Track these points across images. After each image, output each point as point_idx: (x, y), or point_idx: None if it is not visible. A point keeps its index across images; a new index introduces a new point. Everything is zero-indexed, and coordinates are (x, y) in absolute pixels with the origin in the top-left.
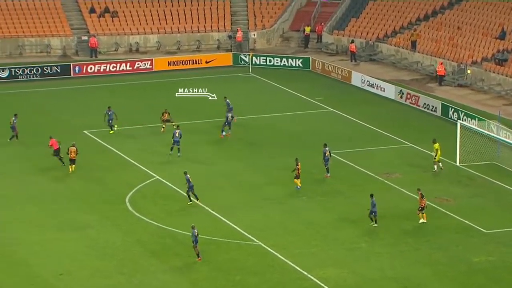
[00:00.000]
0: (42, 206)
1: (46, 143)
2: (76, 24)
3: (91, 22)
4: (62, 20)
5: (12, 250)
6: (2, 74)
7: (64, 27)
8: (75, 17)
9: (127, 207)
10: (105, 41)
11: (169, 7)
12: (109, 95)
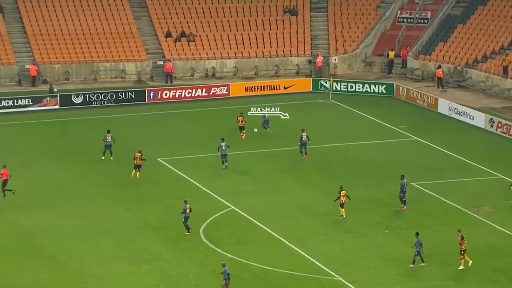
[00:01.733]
0: (114, 236)
1: (119, 170)
2: (152, 49)
3: (167, 47)
4: (137, 44)
5: (84, 282)
6: (77, 99)
7: (139, 52)
8: (151, 42)
9: (201, 238)
10: (180, 66)
11: (247, 31)
12: (184, 122)
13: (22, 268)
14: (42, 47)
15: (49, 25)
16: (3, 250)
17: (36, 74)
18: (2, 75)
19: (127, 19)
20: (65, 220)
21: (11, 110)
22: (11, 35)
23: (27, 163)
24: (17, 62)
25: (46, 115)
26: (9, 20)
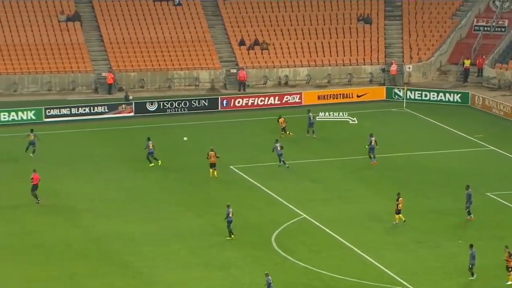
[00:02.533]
0: (186, 243)
1: (191, 177)
2: (225, 57)
3: (240, 55)
4: (211, 52)
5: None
6: (151, 107)
7: (213, 60)
8: (224, 50)
9: (273, 246)
10: (254, 74)
11: (320, 39)
12: (256, 129)
13: (96, 274)
14: (118, 55)
15: (125, 34)
16: (79, 255)
17: (113, 82)
18: (80, 83)
19: (202, 28)
20: (137, 226)
21: (88, 117)
22: (89, 43)
23: (102, 169)
24: (94, 70)
25: (121, 122)
26: (87, 29)
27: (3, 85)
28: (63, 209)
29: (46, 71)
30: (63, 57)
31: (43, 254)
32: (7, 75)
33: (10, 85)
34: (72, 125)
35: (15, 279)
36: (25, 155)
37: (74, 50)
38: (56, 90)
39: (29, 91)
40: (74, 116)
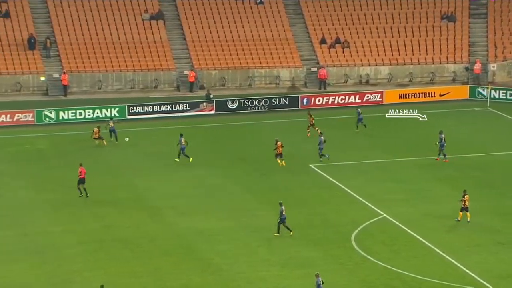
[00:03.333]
0: (267, 240)
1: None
2: (306, 55)
3: (321, 53)
4: (292, 51)
5: (237, 285)
6: (232, 105)
7: (294, 58)
8: (305, 48)
9: (353, 245)
10: (334, 72)
11: (402, 38)
12: (336, 128)
13: (178, 270)
14: (200, 53)
15: (207, 32)
16: (162, 252)
17: (194, 80)
18: (162, 81)
19: (283, 26)
20: (218, 223)
21: (169, 114)
22: (172, 42)
23: (183, 166)
24: (176, 68)
25: (202, 120)
26: (170, 27)
27: (88, 82)
28: (145, 205)
29: (130, 69)
30: (146, 55)
31: (126, 249)
32: (92, 72)
33: (95, 83)
34: (154, 123)
35: (98, 274)
36: (111, 150)
37: (157, 48)
38: (139, 88)
39: (113, 88)
40: (156, 114)
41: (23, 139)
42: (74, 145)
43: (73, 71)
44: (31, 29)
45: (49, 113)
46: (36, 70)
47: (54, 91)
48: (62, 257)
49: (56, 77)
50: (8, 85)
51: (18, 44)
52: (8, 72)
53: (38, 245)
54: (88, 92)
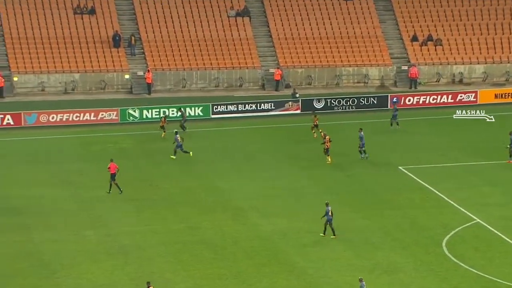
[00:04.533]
0: (353, 244)
1: (355, 177)
2: (396, 53)
3: (412, 51)
4: (382, 48)
5: None
6: (318, 104)
7: (383, 56)
8: (395, 46)
9: (444, 251)
10: (426, 71)
11: (499, 35)
12: (427, 129)
13: (262, 273)
14: (286, 51)
15: (294, 29)
16: (246, 254)
17: (280, 78)
18: (247, 79)
19: (372, 22)
20: (303, 226)
21: (254, 114)
22: (257, 39)
23: (267, 167)
24: (262, 66)
25: (288, 119)
26: (256, 24)
27: (172, 80)
28: (228, 206)
29: (214, 67)
30: (231, 53)
31: (209, 251)
32: (176, 70)
33: (179, 81)
34: (239, 122)
35: (181, 276)
36: (194, 151)
37: (242, 45)
38: (224, 87)
39: (197, 87)
40: (241, 113)
41: (106, 138)
42: (158, 144)
43: (157, 69)
44: (116, 26)
45: (133, 112)
46: (121, 67)
47: (138, 89)
48: (145, 258)
49: (140, 75)
50: (93, 82)
51: (103, 42)
52: (93, 70)
53: (120, 245)
54: (172, 91)
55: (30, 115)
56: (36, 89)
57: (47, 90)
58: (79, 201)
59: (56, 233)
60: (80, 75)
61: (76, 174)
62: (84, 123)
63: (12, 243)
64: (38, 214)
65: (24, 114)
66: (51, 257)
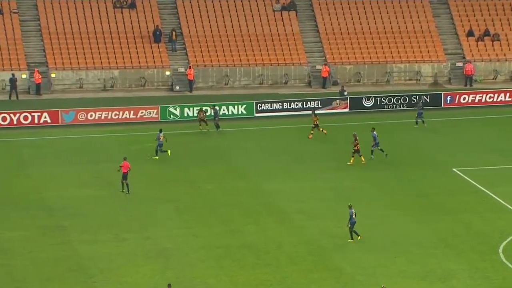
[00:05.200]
0: (405, 250)
1: (410, 181)
2: (451, 49)
3: (468, 47)
4: (435, 44)
5: None
6: (367, 103)
7: (437, 52)
8: (450, 41)
9: (501, 258)
10: (482, 67)
11: None
12: (483, 129)
13: (308, 279)
14: (334, 46)
15: (342, 24)
16: (291, 260)
17: (327, 75)
18: (293, 76)
19: (425, 17)
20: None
21: (300, 112)
22: (304, 34)
23: (313, 168)
24: (308, 63)
25: (335, 118)
26: (302, 18)
27: (214, 77)
28: (272, 209)
29: (259, 64)
30: (277, 49)
31: (253, 255)
32: (219, 67)
33: (222, 78)
34: (283, 121)
35: (223, 281)
36: (237, 151)
37: (288, 41)
38: (268, 84)
39: (240, 84)
40: (286, 111)
41: (146, 137)
42: (198, 144)
43: (199, 65)
44: (157, 20)
45: (174, 110)
46: (161, 64)
47: (179, 86)
48: (186, 262)
49: (181, 72)
50: (132, 79)
51: (143, 37)
52: (133, 66)
53: (160, 249)
54: (214, 88)
55: (68, 113)
56: (74, 86)
57: (86, 87)
58: (118, 202)
59: (94, 235)
60: (119, 72)
61: (114, 174)
62: (123, 121)
63: (48, 246)
64: (75, 216)
65: (62, 112)
66: (89, 260)
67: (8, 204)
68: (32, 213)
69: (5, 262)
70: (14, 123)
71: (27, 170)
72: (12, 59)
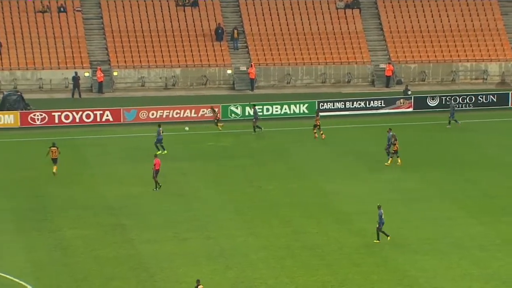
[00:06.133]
0: (467, 252)
1: (475, 182)
2: None
3: None
4: (503, 42)
5: None
6: (432, 102)
7: (505, 51)
8: None
9: None
10: None
11: None
12: None
13: (369, 282)
14: (399, 45)
15: (407, 22)
16: (352, 262)
17: (391, 74)
18: (356, 75)
19: (493, 14)
20: (414, 232)
21: (363, 112)
22: (367, 32)
23: (376, 168)
24: (372, 61)
25: (399, 118)
26: (366, 16)
27: (276, 76)
28: (334, 210)
29: (321, 62)
30: (339, 47)
31: (314, 257)
32: (281, 65)
33: (283, 77)
34: (346, 120)
35: (284, 282)
36: (298, 150)
37: (351, 39)
38: (331, 83)
39: (302, 83)
40: (349, 111)
41: (207, 136)
42: (259, 143)
43: (261, 64)
44: (219, 19)
45: (235, 109)
46: (223, 62)
47: (241, 85)
48: (246, 263)
49: (243, 70)
50: (194, 78)
51: (205, 35)
52: (195, 64)
53: (221, 249)
54: (276, 87)
55: (130, 111)
56: (136, 84)
57: (147, 86)
58: (179, 202)
59: (155, 234)
60: (181, 70)
61: (176, 173)
62: (184, 120)
63: (110, 244)
64: (135, 214)
65: (124, 110)
66: (150, 259)
67: (70, 202)
68: (94, 211)
69: (67, 260)
70: (77, 121)
71: (89, 168)
72: (75, 58)
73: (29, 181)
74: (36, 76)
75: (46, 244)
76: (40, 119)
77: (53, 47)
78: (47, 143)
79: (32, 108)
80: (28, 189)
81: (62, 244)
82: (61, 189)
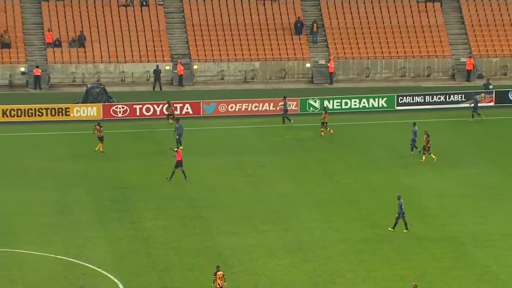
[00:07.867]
0: None
1: None
2: None
3: None
4: None
5: None
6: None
7: None
8: None
9: None
10: None
11: None
12: None
13: (449, 277)
14: (480, 38)
15: (489, 15)
16: (431, 256)
17: (472, 68)
18: (436, 69)
19: None
20: (497, 228)
21: (443, 106)
22: (448, 26)
23: (457, 163)
24: (452, 55)
25: (482, 112)
26: (447, 9)
27: (355, 70)
28: (412, 204)
29: (401, 56)
30: (420, 41)
31: (392, 251)
32: (360, 59)
33: (362, 70)
34: (425, 114)
35: (362, 276)
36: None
37: (431, 33)
38: (410, 76)
39: (381, 77)
40: (428, 105)
41: (286, 129)
42: (337, 137)
43: (339, 57)
44: (299, 12)
45: (313, 102)
46: (302, 56)
47: (320, 79)
48: (325, 256)
49: (322, 64)
50: (273, 71)
51: (284, 29)
52: (274, 58)
53: (300, 242)
54: (355, 80)
55: (209, 104)
56: (215, 77)
57: (227, 79)
58: (258, 194)
59: (233, 226)
60: (260, 64)
61: (255, 166)
62: (263, 113)
63: (189, 236)
64: (214, 206)
65: (203, 103)
66: (228, 251)
67: (151, 193)
68: (174, 203)
69: (148, 250)
70: (157, 114)
71: (169, 160)
72: (157, 51)
73: (111, 172)
74: (118, 69)
75: (127, 234)
76: (122, 112)
77: (135, 40)
78: (128, 135)
79: (115, 101)
80: (110, 180)
81: (143, 234)
82: (142, 181)
